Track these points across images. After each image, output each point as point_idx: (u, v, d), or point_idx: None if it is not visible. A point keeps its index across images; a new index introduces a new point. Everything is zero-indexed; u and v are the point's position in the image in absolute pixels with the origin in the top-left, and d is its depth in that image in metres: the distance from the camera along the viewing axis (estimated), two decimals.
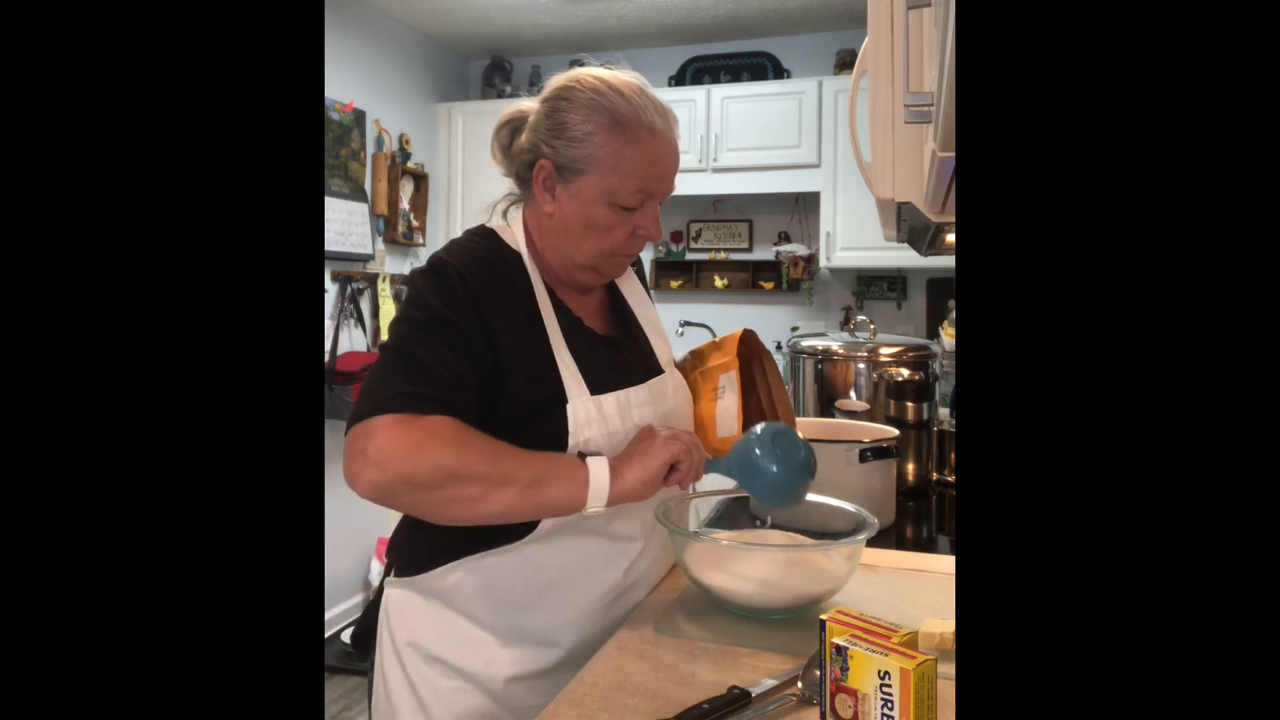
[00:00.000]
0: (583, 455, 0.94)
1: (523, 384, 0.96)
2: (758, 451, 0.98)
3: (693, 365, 1.20)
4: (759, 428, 1.01)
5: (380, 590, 1.07)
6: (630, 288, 1.18)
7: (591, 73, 1.03)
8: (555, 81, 1.04)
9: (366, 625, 1.10)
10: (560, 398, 0.97)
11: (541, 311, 1.00)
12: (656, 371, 1.11)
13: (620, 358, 1.07)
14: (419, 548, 1.02)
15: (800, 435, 1.02)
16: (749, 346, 1.18)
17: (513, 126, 1.08)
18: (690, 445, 0.96)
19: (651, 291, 1.24)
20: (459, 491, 0.86)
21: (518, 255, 1.04)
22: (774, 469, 0.98)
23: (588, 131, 0.98)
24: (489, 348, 0.94)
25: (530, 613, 0.99)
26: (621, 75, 1.03)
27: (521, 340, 0.97)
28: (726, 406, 1.08)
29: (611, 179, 0.98)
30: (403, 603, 1.02)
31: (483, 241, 1.04)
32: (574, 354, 1.00)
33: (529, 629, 0.99)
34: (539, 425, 0.96)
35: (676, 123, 1.04)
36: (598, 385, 1.00)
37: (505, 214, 1.12)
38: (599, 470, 0.91)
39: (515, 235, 1.06)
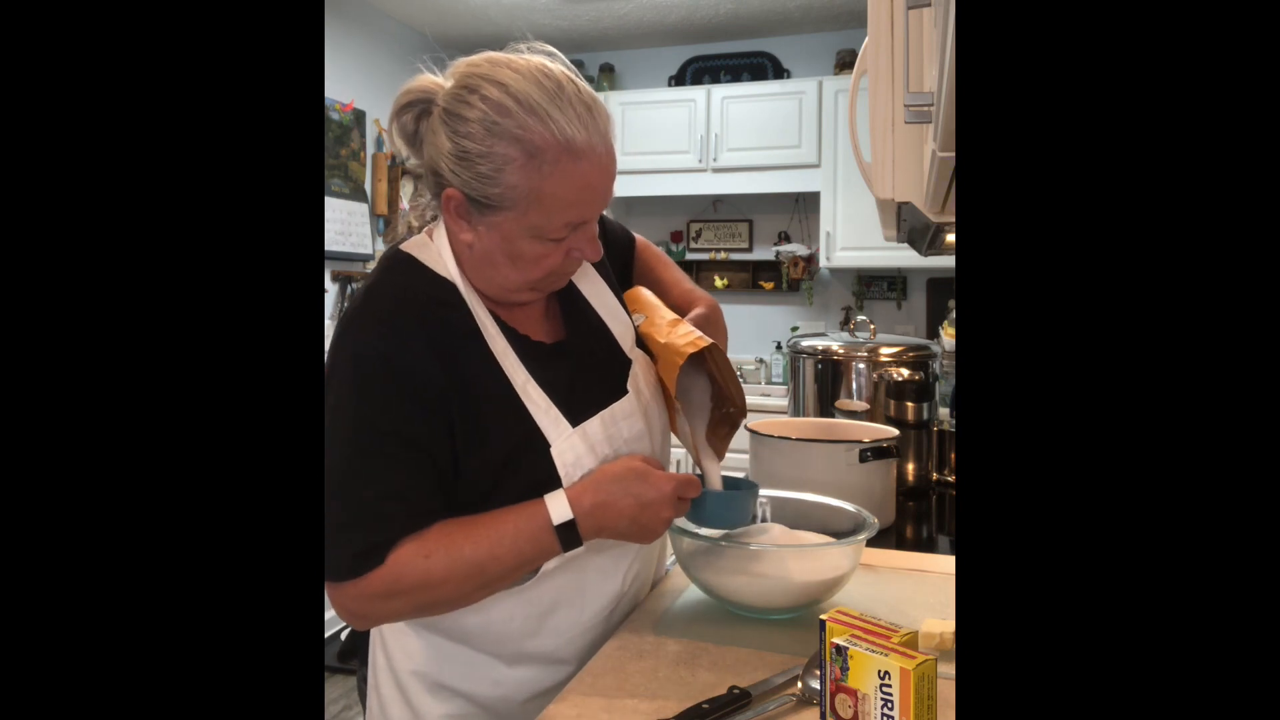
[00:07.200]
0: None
1: (493, 436, 0.87)
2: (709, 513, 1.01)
3: (646, 324, 1.07)
4: (709, 499, 0.99)
5: None
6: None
7: (493, 75, 0.83)
8: (452, 79, 0.86)
9: (353, 644, 1.04)
10: (540, 441, 0.88)
11: (493, 348, 0.88)
12: (625, 363, 1.00)
13: (587, 363, 0.97)
14: None
15: (734, 491, 1.03)
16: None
17: (416, 111, 0.89)
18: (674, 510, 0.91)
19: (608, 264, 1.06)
20: (444, 606, 0.88)
21: (450, 287, 0.89)
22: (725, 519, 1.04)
23: (496, 167, 0.82)
24: (441, 422, 0.85)
25: (533, 638, 0.94)
26: (529, 68, 0.84)
27: (480, 392, 0.86)
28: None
29: (534, 216, 0.84)
30: (397, 628, 0.95)
31: (404, 279, 0.89)
32: (541, 384, 0.90)
33: (533, 653, 0.95)
34: (522, 473, 0.88)
35: (606, 117, 0.86)
36: (576, 411, 0.91)
37: (425, 214, 0.98)
38: (557, 506, 0.86)
39: (442, 256, 0.91)
